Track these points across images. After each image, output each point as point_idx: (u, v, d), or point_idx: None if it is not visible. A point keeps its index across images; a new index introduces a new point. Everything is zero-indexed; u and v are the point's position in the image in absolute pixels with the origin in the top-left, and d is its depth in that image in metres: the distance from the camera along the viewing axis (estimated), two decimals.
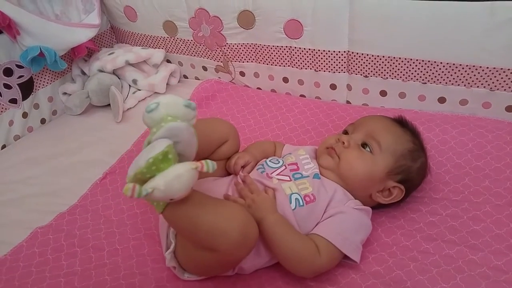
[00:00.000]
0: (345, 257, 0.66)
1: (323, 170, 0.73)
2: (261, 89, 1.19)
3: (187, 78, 1.32)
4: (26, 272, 0.73)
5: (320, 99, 1.11)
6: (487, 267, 0.63)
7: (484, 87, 0.90)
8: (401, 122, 0.76)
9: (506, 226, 0.69)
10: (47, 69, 1.15)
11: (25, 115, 1.13)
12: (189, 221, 0.57)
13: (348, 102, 1.08)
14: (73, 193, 0.91)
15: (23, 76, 1.11)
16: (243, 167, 0.75)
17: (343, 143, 0.72)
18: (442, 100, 0.96)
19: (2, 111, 1.08)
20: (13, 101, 1.10)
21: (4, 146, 1.09)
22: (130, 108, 1.19)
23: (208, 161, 0.54)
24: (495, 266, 0.63)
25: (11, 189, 0.94)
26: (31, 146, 1.08)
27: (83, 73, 1.24)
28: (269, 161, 0.75)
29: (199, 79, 1.29)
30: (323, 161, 0.74)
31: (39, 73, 1.15)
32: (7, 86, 1.08)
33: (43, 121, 1.18)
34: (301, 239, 0.64)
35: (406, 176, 0.71)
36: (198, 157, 0.68)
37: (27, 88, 1.12)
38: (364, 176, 0.70)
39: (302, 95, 1.13)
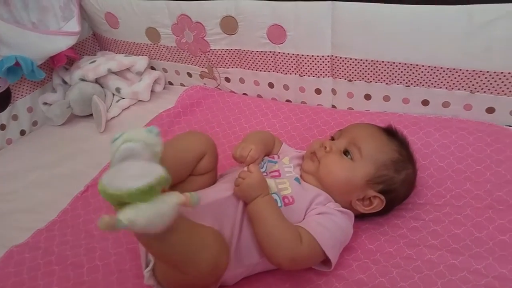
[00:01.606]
0: (322, 263, 0.66)
1: (305, 174, 0.73)
2: (247, 94, 1.19)
3: (172, 84, 1.31)
4: None
5: (306, 103, 1.10)
6: (467, 271, 0.64)
7: (465, 89, 0.90)
8: (390, 132, 0.75)
9: (486, 229, 0.69)
10: (25, 79, 1.13)
11: (3, 127, 1.11)
12: (161, 248, 0.56)
13: (333, 106, 1.08)
14: (53, 208, 0.89)
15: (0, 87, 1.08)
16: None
17: (325, 148, 0.72)
18: (425, 102, 0.96)
19: None
20: None
21: None
22: (114, 117, 1.18)
23: (194, 194, 0.51)
24: (475, 270, 0.64)
25: None
26: (9, 159, 1.06)
27: (64, 82, 1.22)
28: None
29: (184, 86, 1.28)
30: (305, 165, 0.74)
31: (17, 83, 1.12)
32: None
33: (22, 132, 1.16)
34: (288, 224, 0.63)
35: (388, 187, 0.70)
36: (178, 177, 0.68)
37: (4, 99, 1.10)
38: (342, 182, 0.70)
39: (288, 100, 1.13)
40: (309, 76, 1.05)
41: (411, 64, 0.92)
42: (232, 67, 1.15)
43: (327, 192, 0.71)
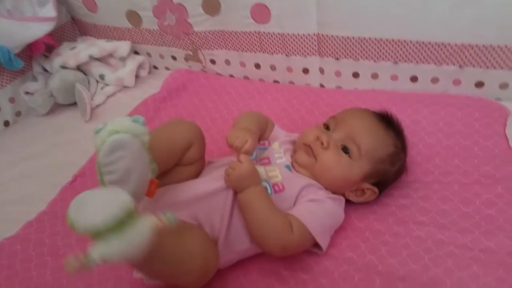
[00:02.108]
0: (315, 246, 0.66)
1: (298, 166, 0.72)
2: (233, 76, 1.17)
3: (157, 68, 1.28)
4: None
5: (294, 84, 1.09)
6: (454, 246, 0.64)
7: (454, 64, 0.89)
8: (386, 120, 0.73)
9: (473, 204, 0.70)
10: (4, 68, 1.09)
11: None
12: (147, 266, 0.55)
13: (322, 85, 1.07)
14: (42, 199, 0.88)
15: None
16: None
17: (322, 143, 0.69)
18: (414, 79, 0.95)
19: None
20: None
21: None
22: (99, 104, 1.15)
23: (168, 214, 0.47)
24: (462, 244, 0.64)
25: None
26: None
27: (45, 70, 1.19)
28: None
29: (169, 69, 1.25)
30: (298, 157, 0.72)
31: None
32: None
33: (6, 123, 1.13)
34: (278, 213, 0.63)
35: (382, 179, 0.71)
36: (164, 167, 0.66)
37: None
38: (339, 179, 0.70)
39: (275, 81, 1.11)
40: (295, 55, 1.03)
41: (398, 40, 0.90)
42: (217, 49, 1.13)
43: (319, 183, 0.70)
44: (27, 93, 1.16)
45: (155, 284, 0.67)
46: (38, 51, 1.12)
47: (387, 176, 0.72)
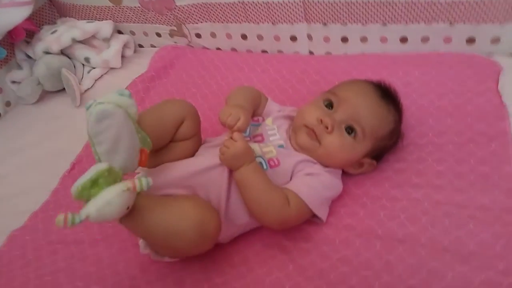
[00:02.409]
0: (314, 216, 0.68)
1: (297, 147, 0.71)
2: (220, 49, 1.14)
3: (143, 47, 1.25)
4: (10, 277, 0.74)
5: (283, 52, 1.07)
6: (450, 205, 0.66)
7: (444, 22, 0.88)
8: (385, 93, 0.72)
9: (467, 163, 0.71)
10: None
11: None
12: (143, 229, 0.58)
13: (311, 52, 1.05)
14: (44, 188, 0.89)
15: None
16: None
17: (326, 128, 0.68)
18: (404, 40, 0.94)
19: None
20: None
21: None
22: (88, 89, 1.14)
23: (142, 178, 0.55)
24: (458, 203, 0.66)
25: None
26: None
27: (29, 56, 1.16)
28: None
29: (155, 47, 1.22)
30: (300, 139, 0.70)
31: None
32: None
33: None
34: (274, 188, 0.64)
35: (380, 152, 0.72)
36: (158, 144, 0.67)
37: None
38: (341, 162, 0.71)
39: (264, 51, 1.09)
40: (282, 23, 1.00)
41: (386, 1, 0.88)
42: (202, 22, 1.09)
43: (318, 161, 0.70)
44: (13, 82, 1.14)
45: (161, 262, 0.69)
46: (19, 38, 1.08)
47: (385, 150, 0.73)
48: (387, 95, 0.72)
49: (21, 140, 1.03)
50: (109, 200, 0.52)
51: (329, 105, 0.71)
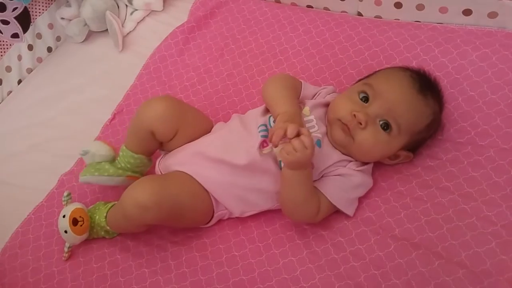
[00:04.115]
0: None
1: (333, 143, 0.70)
2: None
3: None
4: (49, 231, 0.80)
5: (329, 10, 0.97)
6: (476, 218, 0.63)
7: None
8: (424, 84, 0.67)
9: (506, 174, 0.65)
10: None
11: (30, 47, 1.13)
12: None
13: (359, 13, 0.94)
14: (87, 134, 0.95)
15: (17, 8, 1.07)
16: None
17: (360, 124, 0.65)
18: (467, 12, 0.80)
19: (8, 48, 1.09)
20: (15, 35, 1.09)
21: (20, 81, 1.12)
22: (130, 31, 1.14)
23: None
24: (485, 217, 0.63)
25: (34, 133, 1.00)
26: (42, 82, 1.10)
27: None
28: (274, 121, 0.69)
29: None
30: (335, 134, 0.68)
31: (33, 2, 1.10)
32: (5, 22, 1.06)
33: (49, 49, 1.18)
34: (314, 194, 0.66)
35: (417, 145, 0.70)
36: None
37: (24, 20, 1.10)
38: (375, 157, 0.70)
39: (309, 6, 1.00)
40: None
41: None
42: None
43: (353, 157, 0.69)
44: (62, 18, 1.17)
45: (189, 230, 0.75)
46: None
47: (423, 142, 0.71)
48: (426, 86, 0.67)
49: (69, 82, 1.08)
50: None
51: (365, 97, 0.67)
